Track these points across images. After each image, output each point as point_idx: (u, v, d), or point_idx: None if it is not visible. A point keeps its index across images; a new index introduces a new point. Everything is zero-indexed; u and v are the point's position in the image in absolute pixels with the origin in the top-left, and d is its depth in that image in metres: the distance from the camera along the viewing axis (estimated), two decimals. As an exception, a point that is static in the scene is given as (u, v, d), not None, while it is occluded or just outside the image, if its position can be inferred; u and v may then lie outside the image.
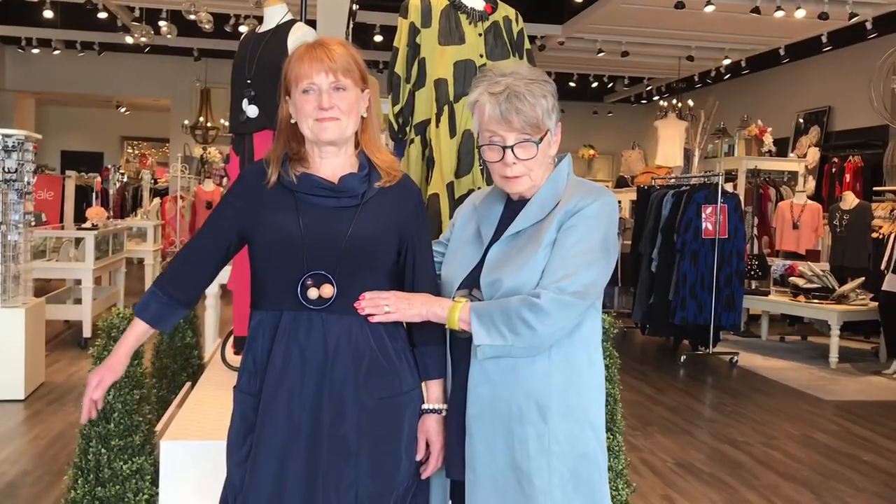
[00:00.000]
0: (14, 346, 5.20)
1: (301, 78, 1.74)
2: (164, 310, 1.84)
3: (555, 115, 1.84)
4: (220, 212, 1.86)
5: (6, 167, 5.25)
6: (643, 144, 13.40)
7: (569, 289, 1.72)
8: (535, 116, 1.79)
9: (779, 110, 12.31)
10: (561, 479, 1.79)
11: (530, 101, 1.78)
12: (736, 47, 11.40)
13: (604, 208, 1.80)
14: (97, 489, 2.48)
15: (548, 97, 1.81)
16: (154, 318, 1.84)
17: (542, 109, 1.80)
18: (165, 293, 1.84)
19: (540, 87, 1.81)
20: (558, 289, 1.72)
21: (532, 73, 1.83)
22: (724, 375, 6.96)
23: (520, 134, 1.80)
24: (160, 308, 1.84)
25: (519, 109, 1.77)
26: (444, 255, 2.00)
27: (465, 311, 1.77)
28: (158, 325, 1.86)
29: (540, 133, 1.81)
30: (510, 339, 1.72)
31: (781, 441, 4.97)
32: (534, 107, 1.78)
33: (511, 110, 1.77)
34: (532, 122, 1.79)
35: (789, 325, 9.26)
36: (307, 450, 1.71)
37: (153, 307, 1.84)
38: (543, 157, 1.84)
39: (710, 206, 7.16)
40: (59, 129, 17.62)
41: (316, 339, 1.72)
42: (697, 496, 3.97)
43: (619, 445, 2.83)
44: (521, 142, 1.80)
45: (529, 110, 1.78)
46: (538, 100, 1.79)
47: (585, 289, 1.74)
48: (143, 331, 1.85)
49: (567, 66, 13.00)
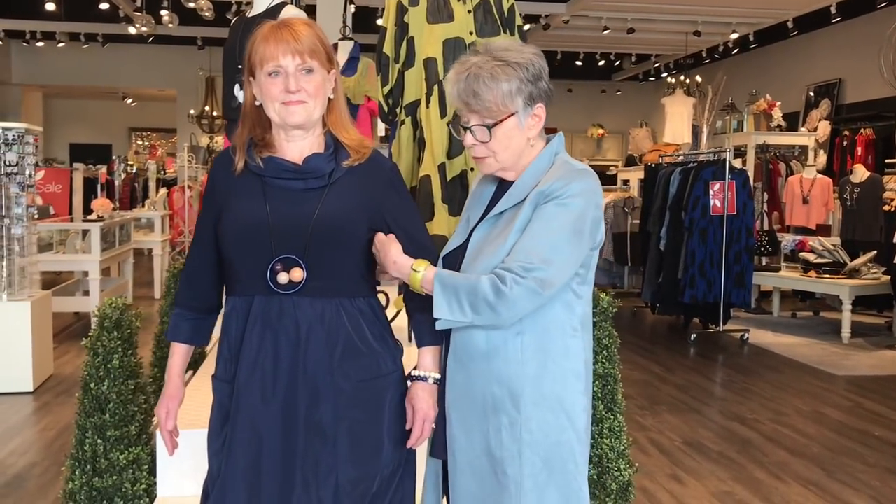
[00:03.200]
0: (21, 339, 5.21)
1: (267, 60, 1.69)
2: (196, 325, 1.88)
3: (522, 97, 1.77)
4: (202, 217, 1.85)
5: (7, 160, 5.24)
6: (652, 122, 13.29)
7: (534, 273, 1.67)
8: (491, 100, 1.74)
9: (789, 84, 12.17)
10: (532, 468, 1.76)
11: (488, 84, 1.73)
12: (743, 21, 11.24)
13: (580, 190, 1.74)
14: (94, 480, 2.48)
15: (512, 80, 1.75)
16: (190, 337, 1.88)
17: (501, 93, 1.74)
18: (191, 310, 1.87)
19: (507, 70, 1.75)
20: (523, 269, 1.67)
21: (507, 55, 1.77)
22: (734, 353, 6.91)
23: (477, 116, 1.77)
24: (191, 325, 1.87)
25: (475, 92, 1.74)
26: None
27: (427, 279, 1.73)
28: (196, 341, 1.91)
29: (499, 116, 1.76)
30: (470, 318, 1.70)
31: (791, 417, 4.93)
32: (490, 90, 1.73)
33: (468, 92, 1.74)
34: (488, 105, 1.74)
35: (801, 300, 9.18)
36: (283, 436, 1.70)
37: (185, 327, 1.87)
38: (507, 141, 1.78)
39: (718, 183, 7.09)
40: (66, 121, 17.67)
41: (288, 323, 1.70)
42: (705, 474, 3.93)
43: (620, 426, 2.80)
44: (477, 124, 1.77)
45: (486, 93, 1.73)
46: (498, 83, 1.73)
47: (550, 276, 1.69)
48: (185, 352, 1.89)
49: (573, 44, 12.88)
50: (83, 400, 2.52)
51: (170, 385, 1.87)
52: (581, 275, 1.81)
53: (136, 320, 2.65)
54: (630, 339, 7.33)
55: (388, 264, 1.77)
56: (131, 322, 2.62)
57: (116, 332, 2.55)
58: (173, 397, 1.86)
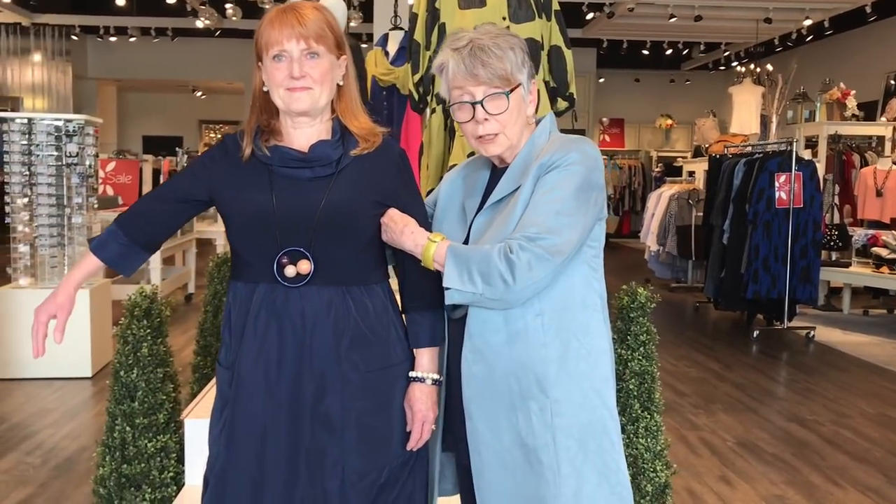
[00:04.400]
0: (80, 325, 5.34)
1: (271, 44, 1.65)
2: (123, 251, 1.77)
3: (526, 69, 1.74)
4: (192, 170, 1.79)
5: (68, 151, 5.37)
6: (721, 112, 12.92)
7: (541, 242, 1.61)
8: (502, 68, 1.69)
9: (866, 72, 11.67)
10: (568, 452, 1.69)
11: (496, 52, 1.69)
12: (818, 7, 10.80)
13: (581, 158, 1.68)
14: (123, 466, 2.50)
15: (516, 49, 1.72)
16: (111, 258, 1.77)
17: (511, 62, 1.70)
18: (127, 234, 1.77)
19: (507, 40, 1.72)
20: (528, 239, 1.61)
21: (499, 31, 1.74)
22: (798, 351, 6.66)
23: (488, 87, 1.70)
24: (120, 249, 1.77)
25: (485, 62, 1.68)
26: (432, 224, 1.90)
27: (440, 252, 1.66)
28: (116, 265, 1.78)
29: (510, 85, 1.71)
30: (481, 289, 1.62)
31: (854, 420, 4.71)
32: (501, 59, 1.69)
33: (476, 63, 1.69)
34: (500, 73, 1.69)
35: (874, 297, 8.80)
36: (288, 426, 1.66)
37: (113, 247, 1.76)
38: (517, 113, 1.74)
39: (784, 175, 6.83)
40: (139, 114, 18.13)
41: (294, 312, 1.66)
42: (756, 477, 3.78)
43: (657, 425, 2.69)
44: (490, 94, 1.70)
45: (496, 62, 1.69)
46: (505, 52, 1.70)
47: (557, 244, 1.62)
48: (95, 268, 1.78)
49: (639, 33, 12.60)
50: (113, 387, 2.55)
51: (61, 292, 1.72)
52: (594, 247, 1.75)
53: (165, 309, 2.66)
54: (691, 334, 7.14)
55: (404, 234, 1.70)
56: (161, 311, 2.63)
57: (146, 321, 2.57)
58: (63, 307, 1.71)
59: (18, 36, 14.20)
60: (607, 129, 16.86)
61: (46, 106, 14.43)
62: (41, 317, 1.69)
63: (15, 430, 4.31)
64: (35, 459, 3.88)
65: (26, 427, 4.37)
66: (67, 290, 1.73)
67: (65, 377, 5.28)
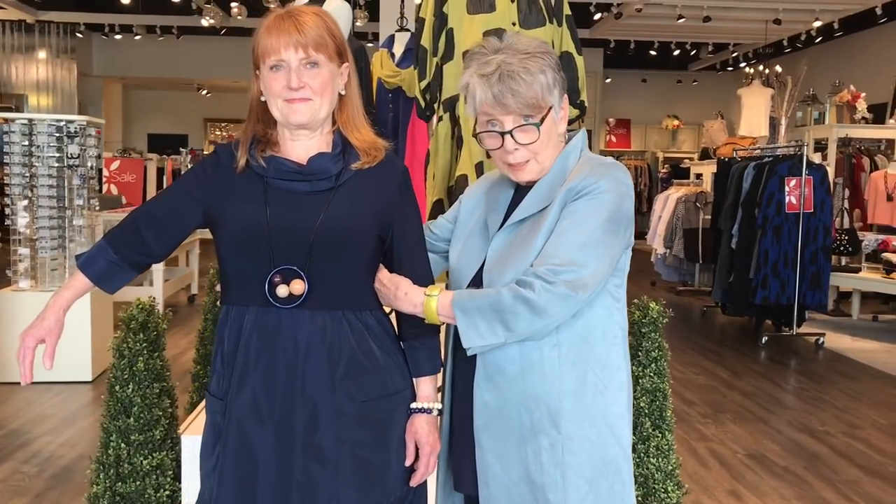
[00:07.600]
0: (80, 328, 5.27)
1: (268, 53, 1.57)
2: (112, 268, 1.66)
3: (557, 88, 1.63)
4: (185, 183, 1.68)
5: (69, 153, 5.31)
6: (729, 114, 12.82)
7: (563, 276, 1.52)
8: (532, 96, 1.59)
9: (876, 74, 11.55)
10: (577, 492, 1.61)
11: (526, 79, 1.58)
12: (827, 8, 10.69)
13: (612, 186, 1.59)
14: (118, 485, 2.43)
15: (546, 71, 1.61)
16: (99, 276, 1.66)
17: (541, 86, 1.60)
18: (118, 252, 1.66)
19: (537, 61, 1.60)
20: (551, 272, 1.52)
21: (529, 45, 1.63)
22: (807, 358, 6.57)
23: (517, 116, 1.61)
24: (109, 266, 1.66)
25: (514, 91, 1.58)
26: (451, 241, 1.82)
27: (444, 305, 1.59)
28: (103, 283, 1.67)
29: (541, 112, 1.61)
30: (503, 337, 1.55)
31: (866, 431, 4.62)
32: (530, 85, 1.58)
33: (505, 92, 1.58)
34: (530, 102, 1.59)
35: (883, 303, 8.70)
36: (278, 460, 1.57)
37: (101, 264, 1.66)
38: (548, 139, 1.64)
39: (795, 179, 6.74)
40: (144, 112, 18.07)
41: (286, 338, 1.56)
42: (767, 491, 3.70)
43: (668, 444, 2.62)
44: (521, 125, 1.61)
45: (526, 90, 1.58)
46: (535, 76, 1.59)
47: (582, 277, 1.54)
48: (85, 288, 1.67)
49: (647, 33, 12.52)
50: (108, 402, 2.47)
51: (49, 315, 1.61)
52: (618, 276, 1.66)
53: (162, 321, 2.58)
54: (698, 340, 7.05)
55: (398, 298, 1.63)
56: (158, 324, 2.55)
57: (143, 334, 2.49)
58: (52, 332, 1.60)
59: (23, 33, 14.15)
60: (613, 130, 16.77)
61: (51, 104, 14.38)
62: (28, 342, 1.59)
63: (12, 437, 4.25)
64: (31, 468, 3.81)
65: (24, 433, 4.31)
66: (56, 312, 1.63)
67: (64, 381, 5.22)
